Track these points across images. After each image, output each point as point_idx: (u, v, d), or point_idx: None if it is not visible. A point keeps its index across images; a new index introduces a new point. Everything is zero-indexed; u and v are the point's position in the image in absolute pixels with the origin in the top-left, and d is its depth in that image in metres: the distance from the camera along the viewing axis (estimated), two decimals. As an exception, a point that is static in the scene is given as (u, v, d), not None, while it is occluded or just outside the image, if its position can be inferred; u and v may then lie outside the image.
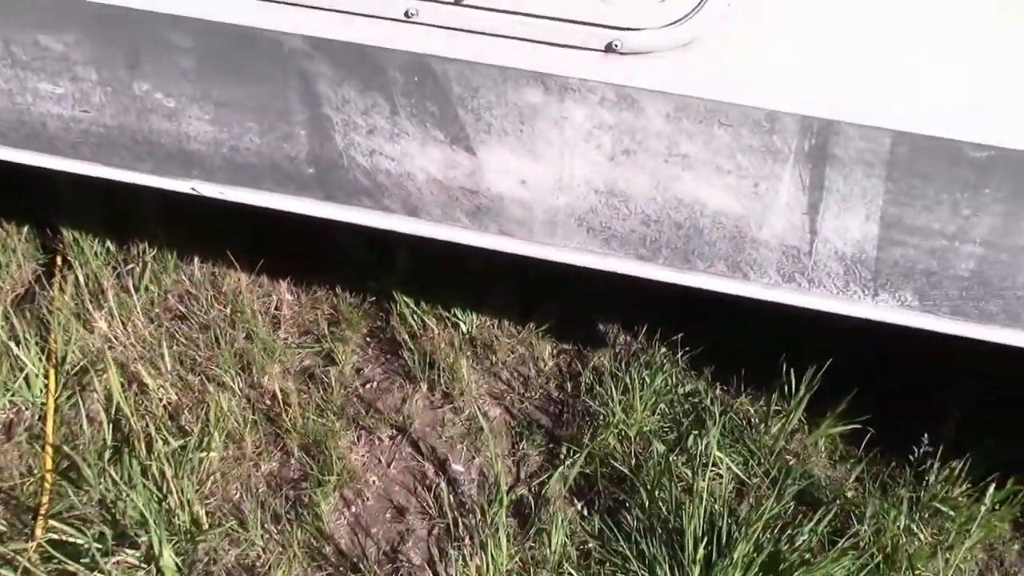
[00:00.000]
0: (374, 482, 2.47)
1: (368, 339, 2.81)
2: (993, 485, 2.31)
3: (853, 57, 1.54)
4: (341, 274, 2.87)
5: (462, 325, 2.77)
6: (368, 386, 2.69)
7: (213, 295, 2.82)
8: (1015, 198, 1.59)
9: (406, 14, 1.64)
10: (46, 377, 2.61)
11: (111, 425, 2.46)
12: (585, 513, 2.41)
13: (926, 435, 2.28)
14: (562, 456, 2.50)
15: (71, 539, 2.20)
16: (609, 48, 1.59)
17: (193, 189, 2.07)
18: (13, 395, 2.58)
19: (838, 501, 2.41)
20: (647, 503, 2.34)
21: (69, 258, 2.88)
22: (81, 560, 2.17)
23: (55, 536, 2.22)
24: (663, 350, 2.70)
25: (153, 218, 2.90)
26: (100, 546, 2.18)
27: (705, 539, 2.21)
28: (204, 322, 2.74)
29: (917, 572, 2.25)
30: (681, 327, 2.68)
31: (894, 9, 1.48)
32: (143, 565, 2.20)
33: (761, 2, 1.51)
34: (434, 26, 1.65)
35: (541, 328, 2.78)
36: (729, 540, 2.23)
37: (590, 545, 2.33)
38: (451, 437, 2.57)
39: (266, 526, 2.33)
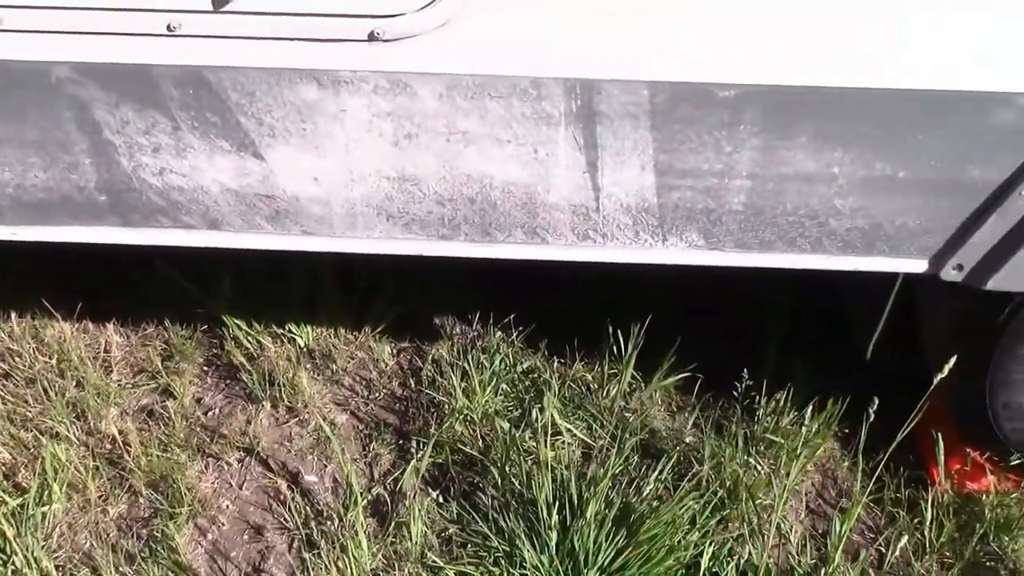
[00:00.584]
0: (227, 507, 2.45)
1: (205, 368, 2.79)
2: (809, 409, 2.46)
3: (604, 16, 1.63)
4: (168, 306, 2.84)
5: (298, 339, 2.77)
6: (210, 414, 2.66)
7: (36, 347, 2.74)
8: (767, 131, 1.71)
9: (168, 28, 1.65)
10: None
11: (-61, 497, 2.37)
12: (441, 501, 2.45)
13: (746, 371, 2.41)
14: (413, 450, 2.54)
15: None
16: (372, 37, 1.64)
17: (-16, 234, 2.02)
18: None
19: (678, 448, 2.53)
20: (500, 480, 2.40)
21: None
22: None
23: None
24: (498, 333, 2.77)
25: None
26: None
27: (557, 504, 2.28)
28: (30, 376, 2.66)
29: (758, 501, 2.37)
30: (512, 307, 2.75)
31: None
32: (-9, 629, 2.13)
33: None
34: (199, 36, 1.67)
35: (377, 330, 2.82)
36: (580, 502, 2.31)
37: (451, 531, 2.37)
38: (300, 450, 2.57)
39: (121, 569, 2.29)
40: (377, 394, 2.71)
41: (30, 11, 1.66)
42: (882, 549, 2.40)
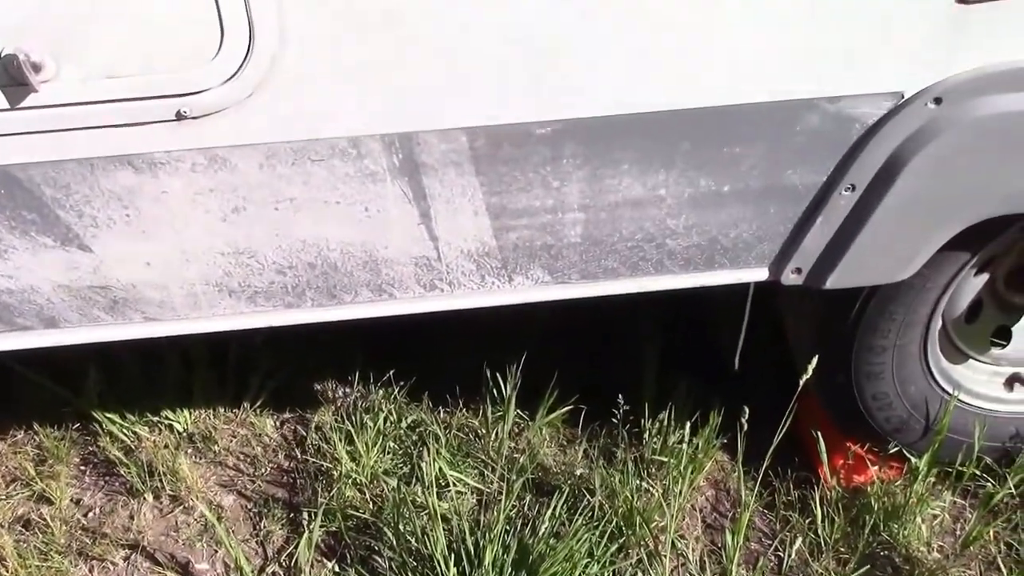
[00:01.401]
0: (116, 609, 2.37)
1: (82, 467, 2.70)
2: (688, 425, 2.48)
3: (412, 68, 1.63)
4: (36, 409, 2.74)
5: (176, 424, 2.70)
6: (91, 514, 2.57)
7: None
8: (590, 162, 1.73)
9: (-33, 129, 1.61)
10: None
11: None
12: (338, 570, 2.40)
13: (621, 397, 2.42)
14: (304, 522, 2.49)
15: None
16: (180, 115, 1.62)
17: None
18: None
19: (570, 482, 2.52)
20: (395, 540, 2.36)
21: None
22: None
23: None
24: (380, 391, 2.74)
25: None
26: None
27: (454, 556, 2.25)
28: None
29: (653, 524, 2.38)
30: (391, 364, 2.73)
31: (425, 15, 1.58)
32: None
33: (307, 38, 1.58)
34: (2, 136, 1.62)
35: (257, 404, 2.77)
36: (478, 550, 2.29)
37: (350, 600, 2.32)
38: (188, 539, 2.50)
39: None
40: (263, 470, 2.65)
41: None
42: (780, 554, 2.42)
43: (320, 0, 1.54)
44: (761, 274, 1.96)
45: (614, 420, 2.49)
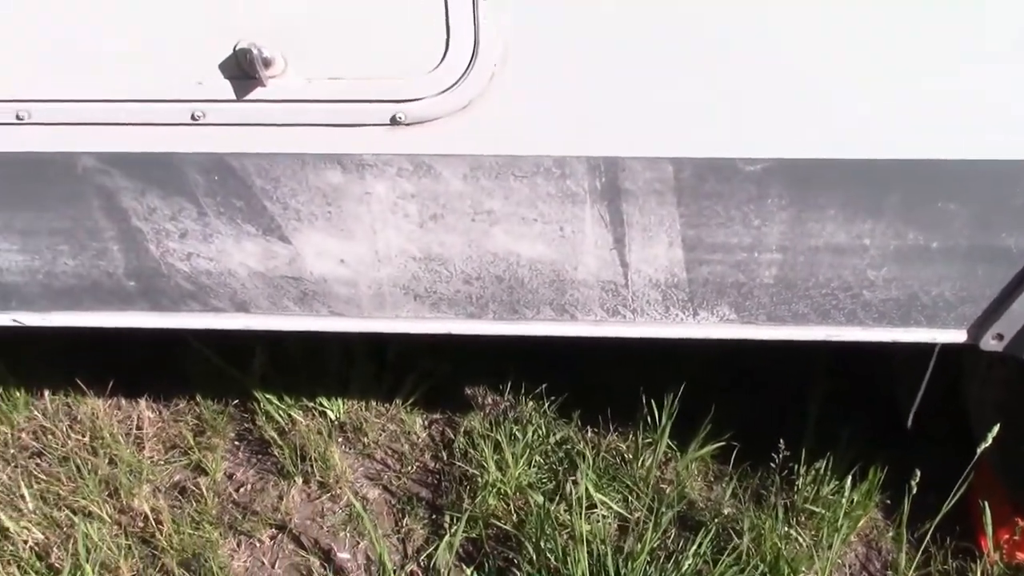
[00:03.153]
0: (260, 586, 2.43)
1: (236, 443, 2.78)
2: (849, 477, 2.40)
3: (626, 93, 1.62)
4: (200, 382, 2.84)
5: (329, 413, 2.76)
6: (242, 490, 2.65)
7: (69, 425, 2.75)
8: (795, 204, 1.69)
9: (192, 117, 1.67)
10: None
11: (-26, 579, 2.37)
12: (475, 577, 2.41)
13: (782, 441, 2.35)
14: (446, 525, 2.50)
15: None
16: (394, 121, 1.65)
17: (15, 321, 2.03)
18: None
19: (717, 520, 2.47)
20: (535, 556, 2.35)
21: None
22: None
23: None
24: (530, 404, 2.74)
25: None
26: None
27: (594, 581, 2.24)
28: (63, 454, 2.67)
29: (800, 574, 2.31)
30: (544, 378, 2.73)
31: (644, 44, 1.57)
32: None
33: (528, 56, 1.58)
34: (223, 125, 1.68)
35: (409, 402, 2.80)
36: (617, 577, 2.26)
37: (485, 609, 2.33)
38: (332, 526, 2.54)
39: (152, 653, 2.27)
40: (409, 467, 2.68)
41: (56, 104, 1.68)
42: (932, 623, 2.32)
43: (547, 23, 1.54)
44: (959, 336, 1.87)
45: (768, 463, 2.42)
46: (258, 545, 2.51)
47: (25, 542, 2.45)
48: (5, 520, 2.45)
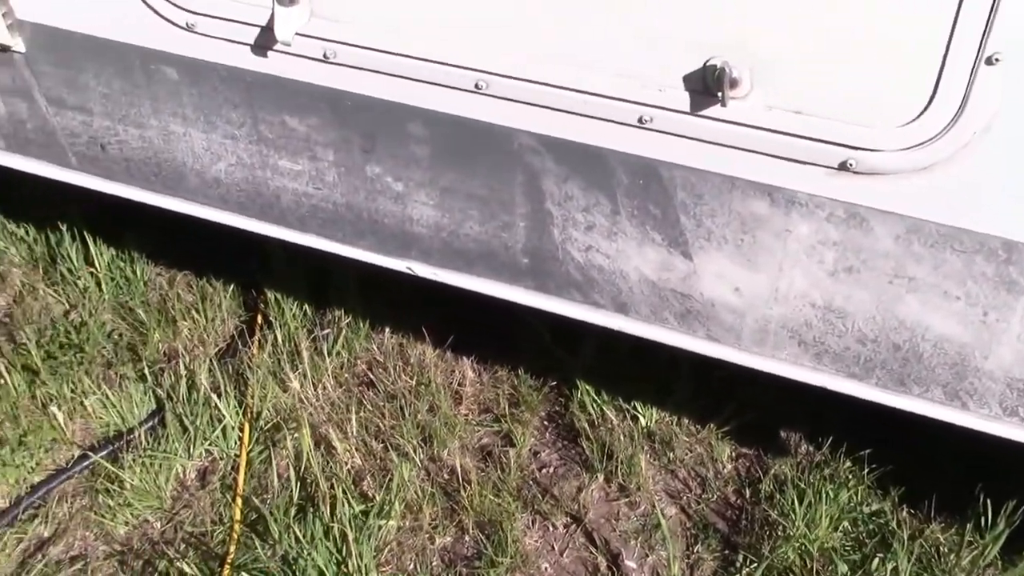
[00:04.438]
0: (546, 569, 2.47)
1: (546, 423, 2.83)
2: None
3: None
4: (524, 356, 2.92)
5: (641, 418, 2.75)
6: (544, 471, 2.70)
7: (400, 365, 2.91)
8: None
9: (639, 120, 1.68)
10: (241, 430, 2.74)
11: (299, 483, 2.55)
12: (761, 629, 2.34)
13: None
14: (738, 564, 2.44)
15: (255, 592, 2.29)
16: (843, 166, 1.59)
17: (409, 269, 2.15)
18: (210, 444, 2.72)
19: (1036, 647, 2.26)
20: (828, 625, 2.26)
21: (270, 318, 3.03)
22: (264, 614, 2.25)
23: (241, 587, 2.31)
24: (848, 464, 2.61)
25: (350, 288, 3.03)
26: (282, 603, 2.25)
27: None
28: (391, 391, 2.82)
29: None
30: (868, 443, 2.59)
31: None
32: (321, 627, 2.26)
33: (1013, 130, 1.48)
34: (667, 134, 1.68)
35: (721, 429, 2.74)
36: None
37: (764, 662, 2.25)
38: (625, 532, 2.54)
39: (438, 602, 2.36)
40: (711, 495, 2.63)
41: (512, 82, 1.75)
42: None
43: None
44: None
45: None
46: (551, 529, 2.56)
47: (345, 463, 2.62)
48: (333, 438, 2.63)
